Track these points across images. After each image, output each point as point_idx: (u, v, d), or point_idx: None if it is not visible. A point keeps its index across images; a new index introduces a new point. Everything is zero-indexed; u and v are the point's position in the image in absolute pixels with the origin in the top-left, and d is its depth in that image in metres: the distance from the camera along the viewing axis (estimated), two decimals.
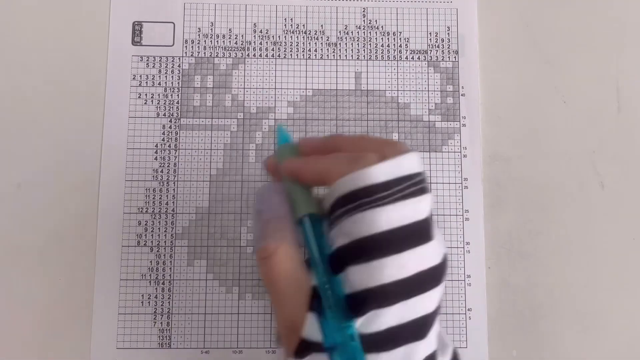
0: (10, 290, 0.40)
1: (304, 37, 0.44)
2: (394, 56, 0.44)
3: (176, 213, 0.42)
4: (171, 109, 0.43)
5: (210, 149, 0.43)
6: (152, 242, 0.41)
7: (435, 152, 0.43)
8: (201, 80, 0.43)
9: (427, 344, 0.27)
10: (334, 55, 0.44)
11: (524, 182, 0.43)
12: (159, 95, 0.43)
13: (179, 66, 0.44)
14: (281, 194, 0.29)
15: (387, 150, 0.27)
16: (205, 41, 0.44)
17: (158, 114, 0.43)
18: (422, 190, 0.27)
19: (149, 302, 0.40)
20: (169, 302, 0.41)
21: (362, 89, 0.44)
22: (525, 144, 0.43)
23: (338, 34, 0.44)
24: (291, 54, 0.44)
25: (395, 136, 0.43)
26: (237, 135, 0.43)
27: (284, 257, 0.27)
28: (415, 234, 0.26)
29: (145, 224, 0.41)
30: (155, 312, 0.40)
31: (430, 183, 0.43)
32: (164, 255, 0.41)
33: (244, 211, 0.42)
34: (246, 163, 0.43)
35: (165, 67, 0.43)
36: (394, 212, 0.26)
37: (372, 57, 0.44)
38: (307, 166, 0.29)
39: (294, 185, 0.29)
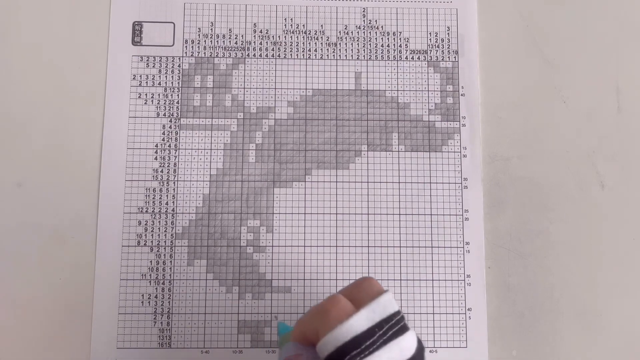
0: (10, 290, 0.40)
1: (304, 37, 0.44)
2: (394, 56, 0.44)
3: (176, 213, 0.42)
4: (171, 109, 0.43)
5: (210, 149, 0.43)
6: (152, 242, 0.41)
7: (435, 152, 0.43)
8: (201, 80, 0.43)
9: None
10: (334, 55, 0.44)
11: (524, 182, 0.43)
12: (159, 95, 0.43)
13: (179, 66, 0.44)
14: None
15: (357, 294, 0.28)
16: (205, 41, 0.44)
17: (158, 114, 0.43)
18: (403, 329, 0.27)
19: (149, 302, 0.40)
20: (169, 302, 0.41)
21: (362, 89, 0.44)
22: (525, 144, 0.43)
23: (338, 34, 0.44)
24: (291, 54, 0.44)
25: (395, 136, 0.43)
26: (237, 135, 0.43)
27: None
28: None
29: (145, 224, 0.41)
30: (155, 312, 0.40)
31: (430, 183, 0.43)
32: (164, 255, 0.41)
33: (244, 211, 0.42)
34: (246, 163, 0.43)
35: (165, 67, 0.43)
36: (383, 357, 0.26)
37: (372, 57, 0.44)
38: (293, 337, 0.29)
39: None
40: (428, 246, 0.42)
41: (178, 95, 0.43)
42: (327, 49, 0.44)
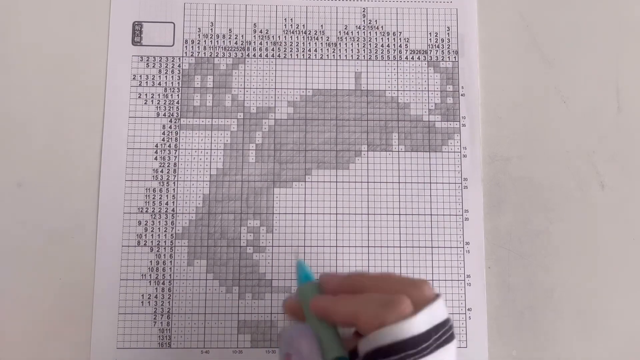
0: (10, 290, 0.40)
1: (304, 37, 0.44)
2: (394, 56, 0.44)
3: (176, 213, 0.42)
4: (171, 109, 0.43)
5: (210, 149, 0.43)
6: (152, 242, 0.41)
7: (435, 152, 0.43)
8: (201, 80, 0.43)
9: None
10: (334, 55, 0.44)
11: (524, 182, 0.43)
12: (159, 95, 0.43)
13: (179, 66, 0.44)
14: (309, 337, 0.28)
15: (416, 294, 0.28)
16: (205, 41, 0.44)
17: (158, 114, 0.43)
18: (452, 337, 0.28)
19: (149, 302, 0.40)
20: (169, 302, 0.41)
21: (362, 89, 0.44)
22: (525, 144, 0.43)
23: (338, 34, 0.44)
24: (291, 54, 0.44)
25: (395, 136, 0.43)
26: (237, 135, 0.43)
27: None
28: None
29: (145, 224, 0.41)
30: (155, 312, 0.40)
31: (430, 183, 0.43)
32: (164, 255, 0.41)
33: (244, 211, 0.42)
34: (246, 163, 0.43)
35: (165, 67, 0.43)
36: None
37: (372, 57, 0.44)
38: (337, 307, 0.29)
39: (321, 327, 0.29)
40: (428, 246, 0.42)
41: (178, 95, 0.43)
42: (327, 49, 0.44)
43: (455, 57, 0.44)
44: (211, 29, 0.44)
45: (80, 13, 0.44)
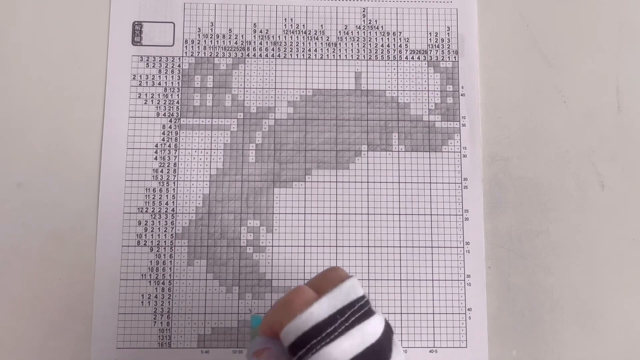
0: (10, 290, 0.40)
1: (304, 37, 0.44)
2: (394, 56, 0.44)
3: (176, 213, 0.42)
4: (171, 109, 0.43)
5: (210, 149, 0.43)
6: (152, 242, 0.41)
7: (435, 152, 0.43)
8: (201, 80, 0.43)
9: None
10: (334, 55, 0.44)
11: (524, 182, 0.43)
12: (159, 95, 0.43)
13: (179, 66, 0.44)
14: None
15: (323, 283, 0.28)
16: (205, 41, 0.44)
17: (158, 114, 0.43)
18: (367, 314, 0.27)
19: (149, 302, 0.40)
20: (169, 302, 0.41)
21: (362, 89, 0.44)
22: (526, 144, 0.43)
23: (338, 34, 0.44)
24: (291, 54, 0.44)
25: (395, 136, 0.43)
26: (237, 135, 0.43)
27: None
28: (371, 358, 0.27)
29: (145, 224, 0.41)
30: (155, 312, 0.40)
31: (430, 183, 0.43)
32: (164, 255, 0.41)
33: (244, 211, 0.42)
34: (246, 163, 0.43)
35: (165, 67, 0.43)
36: (345, 343, 0.26)
37: (372, 57, 0.44)
38: (261, 327, 0.29)
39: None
40: (428, 246, 0.42)
41: (178, 95, 0.43)
42: (327, 49, 0.44)
43: (455, 57, 0.44)
44: (211, 29, 0.44)
45: (80, 13, 0.44)
